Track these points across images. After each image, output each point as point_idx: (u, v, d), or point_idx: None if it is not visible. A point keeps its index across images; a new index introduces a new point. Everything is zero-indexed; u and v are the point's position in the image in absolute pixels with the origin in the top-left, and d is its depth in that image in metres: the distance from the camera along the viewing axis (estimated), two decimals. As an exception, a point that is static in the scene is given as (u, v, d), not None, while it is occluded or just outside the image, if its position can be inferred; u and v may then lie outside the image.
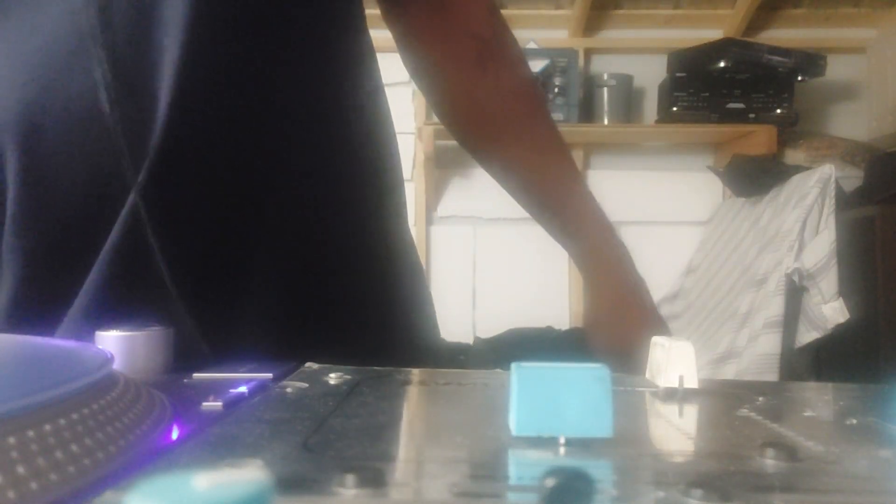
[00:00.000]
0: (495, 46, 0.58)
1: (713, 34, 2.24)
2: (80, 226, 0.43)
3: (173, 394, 0.28)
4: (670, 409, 0.26)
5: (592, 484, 0.16)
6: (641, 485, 0.17)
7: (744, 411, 0.26)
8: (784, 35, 2.28)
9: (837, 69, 2.20)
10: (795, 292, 1.64)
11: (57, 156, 0.43)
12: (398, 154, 0.56)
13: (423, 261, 0.82)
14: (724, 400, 0.28)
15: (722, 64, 2.09)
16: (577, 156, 2.24)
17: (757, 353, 1.62)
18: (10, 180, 0.44)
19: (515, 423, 0.20)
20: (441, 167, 2.17)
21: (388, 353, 0.49)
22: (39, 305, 0.44)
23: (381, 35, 0.58)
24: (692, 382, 0.28)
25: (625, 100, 2.21)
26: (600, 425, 0.20)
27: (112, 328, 0.34)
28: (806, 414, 0.26)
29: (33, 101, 0.43)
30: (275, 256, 0.46)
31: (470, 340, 1.99)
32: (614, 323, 0.60)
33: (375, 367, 0.32)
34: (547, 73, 2.07)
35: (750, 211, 1.92)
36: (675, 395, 0.28)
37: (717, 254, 2.03)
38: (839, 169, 1.76)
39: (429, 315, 0.58)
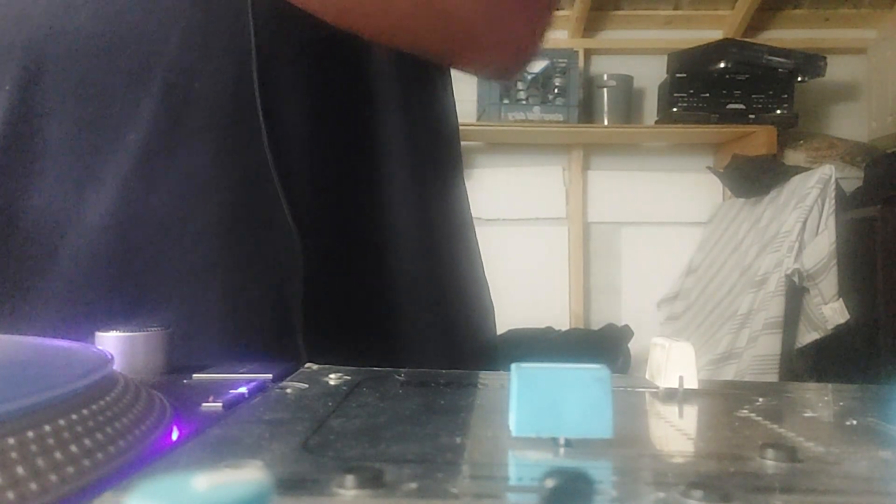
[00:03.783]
0: None
1: (713, 35, 2.24)
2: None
3: (173, 394, 0.28)
4: (670, 410, 0.26)
5: (592, 484, 0.16)
6: (641, 485, 0.17)
7: (744, 412, 0.26)
8: (784, 35, 2.28)
9: (837, 70, 2.20)
10: (795, 293, 1.64)
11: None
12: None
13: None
14: (724, 401, 0.28)
15: (722, 64, 2.09)
16: (577, 156, 2.25)
17: (757, 354, 1.62)
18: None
19: (515, 423, 0.20)
20: (441, 168, 2.17)
21: (451, 357, 0.48)
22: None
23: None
24: (692, 383, 0.28)
25: (625, 100, 2.21)
26: (600, 426, 0.20)
27: (112, 328, 0.34)
28: (806, 414, 0.26)
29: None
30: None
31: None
32: None
33: (375, 368, 0.32)
34: (547, 74, 2.07)
35: (750, 211, 1.92)
36: (675, 396, 0.28)
37: (717, 254, 2.03)
38: (839, 170, 1.77)
39: (487, 316, 0.58)
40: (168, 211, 0.42)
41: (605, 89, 2.19)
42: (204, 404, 0.26)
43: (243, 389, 0.28)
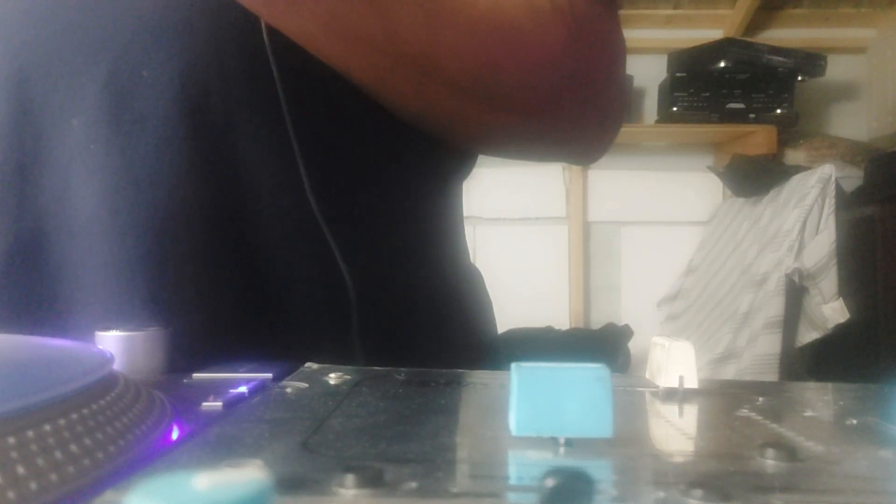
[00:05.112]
0: None
1: (713, 34, 2.24)
2: None
3: (173, 394, 0.28)
4: (670, 409, 0.26)
5: (592, 484, 0.16)
6: (641, 485, 0.17)
7: (744, 411, 0.26)
8: (784, 35, 2.28)
9: (837, 69, 2.20)
10: (795, 292, 1.64)
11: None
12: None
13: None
14: (724, 400, 0.28)
15: (722, 64, 2.09)
16: (577, 156, 2.25)
17: (757, 354, 1.62)
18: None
19: (515, 423, 0.20)
20: (441, 167, 2.17)
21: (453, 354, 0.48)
22: None
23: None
24: (692, 382, 0.28)
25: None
26: (600, 425, 0.20)
27: (112, 327, 0.34)
28: (806, 414, 0.26)
29: None
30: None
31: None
32: None
33: (375, 367, 0.32)
34: (547, 73, 2.07)
35: (750, 211, 1.92)
36: (675, 395, 0.28)
37: (717, 254, 2.03)
38: (839, 169, 1.76)
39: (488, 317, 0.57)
40: (100, 202, 0.40)
41: (605, 89, 2.19)
42: (204, 404, 0.26)
43: (243, 389, 0.28)
